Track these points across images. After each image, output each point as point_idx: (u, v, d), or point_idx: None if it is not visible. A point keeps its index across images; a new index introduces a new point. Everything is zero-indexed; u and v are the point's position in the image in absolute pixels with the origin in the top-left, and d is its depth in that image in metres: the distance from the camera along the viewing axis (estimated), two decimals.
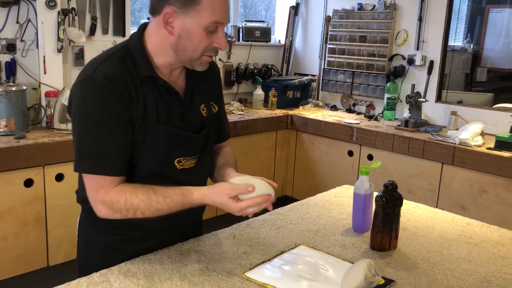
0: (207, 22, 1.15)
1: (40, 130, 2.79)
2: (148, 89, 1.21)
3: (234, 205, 1.15)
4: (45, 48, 2.85)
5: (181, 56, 1.20)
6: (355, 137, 3.38)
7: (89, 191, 1.20)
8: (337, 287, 1.13)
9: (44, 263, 2.59)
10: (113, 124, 1.16)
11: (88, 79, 1.16)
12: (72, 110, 1.19)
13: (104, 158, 1.17)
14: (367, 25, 3.88)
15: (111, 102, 1.15)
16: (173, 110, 1.25)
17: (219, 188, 1.18)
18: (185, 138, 1.26)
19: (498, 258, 1.35)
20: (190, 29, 1.16)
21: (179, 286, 1.11)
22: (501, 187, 2.72)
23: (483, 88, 4.36)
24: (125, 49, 1.23)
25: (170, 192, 1.18)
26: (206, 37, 1.17)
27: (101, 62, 1.18)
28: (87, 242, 1.36)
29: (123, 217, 1.18)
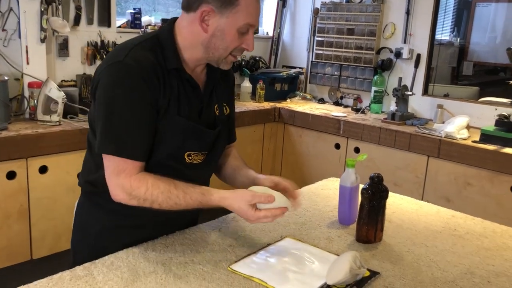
0: (241, 24, 1.19)
1: (23, 121, 2.74)
2: (173, 81, 1.23)
3: (253, 213, 1.17)
4: (28, 38, 2.79)
5: (211, 53, 1.24)
6: (342, 130, 3.38)
7: (109, 173, 1.19)
8: (323, 279, 1.13)
9: (27, 256, 2.56)
10: (141, 109, 1.18)
11: (119, 63, 1.17)
12: (99, 91, 1.19)
13: (130, 142, 1.18)
14: (355, 18, 3.87)
15: (142, 88, 1.16)
16: (192, 105, 1.27)
17: (241, 194, 1.19)
18: (200, 133, 1.28)
19: (482, 250, 1.36)
20: (224, 28, 1.19)
21: (163, 279, 1.10)
22: (485, 180, 2.75)
23: (469, 81, 4.40)
24: (154, 39, 1.25)
25: (190, 189, 1.19)
26: (238, 37, 1.21)
27: (132, 48, 1.20)
28: (82, 226, 1.37)
29: (139, 204, 1.18)
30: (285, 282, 1.12)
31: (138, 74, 1.16)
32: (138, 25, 3.52)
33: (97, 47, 3.25)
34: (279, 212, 1.19)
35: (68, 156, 2.58)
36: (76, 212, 1.40)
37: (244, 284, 1.10)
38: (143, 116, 1.19)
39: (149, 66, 1.18)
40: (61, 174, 2.57)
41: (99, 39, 3.26)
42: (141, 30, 3.50)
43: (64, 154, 2.58)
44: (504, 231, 1.51)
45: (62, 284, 1.06)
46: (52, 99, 2.72)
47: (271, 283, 1.10)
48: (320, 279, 1.13)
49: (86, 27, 3.19)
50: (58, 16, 2.95)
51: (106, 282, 1.07)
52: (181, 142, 1.25)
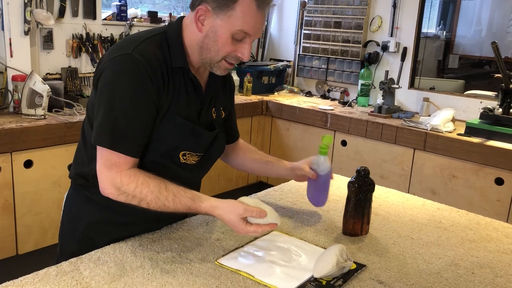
0: (235, 29, 1.17)
1: (7, 115, 2.70)
2: (177, 79, 1.22)
3: (243, 227, 1.16)
4: (11, 30, 2.75)
5: (203, 54, 1.22)
6: (329, 123, 3.40)
7: (101, 165, 1.17)
8: (310, 272, 1.13)
9: (13, 252, 2.54)
10: (143, 105, 1.16)
11: (127, 56, 1.15)
12: (102, 82, 1.17)
13: (126, 137, 1.16)
14: (342, 11, 3.88)
15: (146, 83, 1.15)
16: (193, 105, 1.27)
17: (232, 206, 1.17)
18: (197, 134, 1.27)
19: (466, 242, 1.38)
20: (217, 30, 1.17)
21: (150, 274, 1.10)
22: (470, 172, 2.78)
23: (454, 74, 4.44)
24: (162, 36, 1.23)
25: (181, 193, 1.17)
26: (231, 43, 1.19)
27: (140, 42, 1.18)
28: (71, 219, 1.36)
29: (127, 201, 1.17)
30: (272, 275, 1.12)
31: (145, 70, 1.15)
32: (124, 18, 3.48)
33: (82, 39, 3.20)
34: (269, 228, 1.19)
35: (54, 150, 2.55)
36: (65, 205, 1.38)
37: (232, 278, 1.10)
38: (144, 113, 1.17)
39: (156, 63, 1.17)
40: (46, 168, 2.55)
41: (84, 31, 3.22)
42: (126, 23, 3.46)
43: (49, 148, 2.55)
44: (488, 223, 1.53)
45: (48, 279, 1.05)
46: (36, 92, 2.68)
47: (258, 277, 1.11)
48: (307, 272, 1.14)
49: (71, 19, 3.15)
50: (42, 8, 2.90)
51: (92, 278, 1.07)
52: (178, 141, 1.25)
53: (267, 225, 1.18)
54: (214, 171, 3.65)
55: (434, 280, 1.16)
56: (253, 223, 1.17)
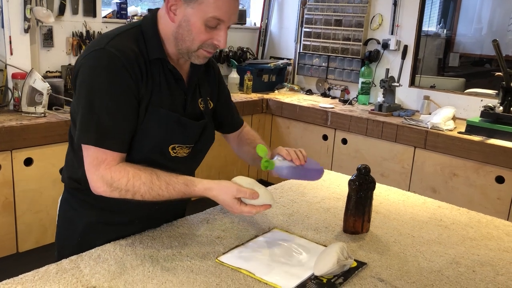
0: (207, 16, 1.14)
1: (7, 113, 2.70)
2: (156, 71, 1.21)
3: (237, 207, 1.16)
4: (11, 28, 2.74)
5: (179, 45, 1.20)
6: (330, 121, 3.39)
7: (89, 165, 1.16)
8: (310, 270, 1.13)
9: (13, 250, 2.54)
10: (123, 98, 1.15)
11: (101, 51, 1.14)
12: (79, 79, 1.16)
13: (111, 132, 1.14)
14: (343, 9, 3.87)
15: (123, 76, 1.14)
16: (176, 97, 1.25)
17: (225, 186, 1.17)
18: (184, 125, 1.25)
19: (467, 240, 1.38)
20: (190, 19, 1.15)
21: (151, 271, 1.10)
22: (470, 171, 2.78)
23: (455, 73, 4.44)
24: (138, 29, 1.22)
25: (173, 180, 1.16)
26: (205, 31, 1.16)
27: (114, 37, 1.17)
28: (67, 222, 1.34)
29: (121, 196, 1.16)
30: (273, 273, 1.12)
31: (120, 63, 1.13)
32: (124, 15, 3.48)
33: (82, 37, 3.20)
34: (263, 209, 1.19)
35: (54, 148, 2.55)
36: (60, 209, 1.37)
37: (232, 275, 1.10)
38: (125, 106, 1.15)
39: (131, 55, 1.15)
40: (46, 166, 2.54)
41: (84, 29, 3.21)
42: (127, 21, 3.45)
43: (49, 146, 2.54)
44: (489, 221, 1.53)
45: (48, 277, 1.05)
46: (36, 90, 2.68)
47: (259, 275, 1.10)
48: (307, 270, 1.14)
49: (71, 17, 3.14)
50: (42, 5, 2.89)
51: (93, 275, 1.07)
52: (165, 134, 1.23)
53: (261, 206, 1.18)
54: (214, 170, 3.66)
55: (435, 278, 1.15)
56: (247, 203, 1.17)
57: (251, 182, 1.20)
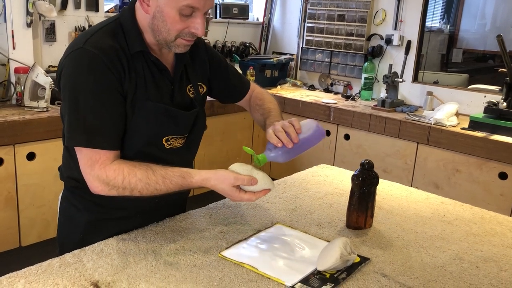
0: (180, 5, 1.12)
1: (9, 107, 2.70)
2: (139, 64, 1.19)
3: (237, 194, 1.16)
4: (14, 22, 2.74)
5: (156, 36, 1.18)
6: (332, 117, 3.38)
7: (84, 166, 1.15)
8: (313, 265, 1.13)
9: (16, 244, 2.54)
10: (107, 96, 1.14)
11: (79, 50, 1.13)
12: (62, 82, 1.15)
13: (100, 131, 1.13)
14: (346, 4, 3.85)
15: (105, 73, 1.12)
16: (162, 88, 1.23)
17: (223, 176, 1.16)
18: (174, 116, 1.24)
19: (470, 236, 1.38)
20: (163, 10, 1.13)
21: (154, 266, 1.10)
22: (473, 167, 2.77)
23: (458, 69, 4.42)
24: (116, 23, 1.20)
25: (169, 173, 1.16)
26: (180, 20, 1.14)
27: (92, 34, 1.16)
28: (68, 220, 1.34)
29: (119, 194, 1.16)
30: (275, 268, 1.12)
31: (100, 60, 1.12)
32: None
33: None
34: (262, 194, 1.18)
35: (56, 142, 2.55)
36: (61, 206, 1.37)
37: (235, 270, 1.10)
38: (110, 102, 1.14)
39: (111, 52, 1.14)
40: (49, 160, 2.55)
41: (87, 23, 3.20)
42: None
43: (52, 141, 2.55)
44: (492, 217, 1.53)
45: (51, 271, 1.05)
46: (39, 84, 2.68)
47: (262, 270, 1.10)
48: (310, 265, 1.14)
49: (73, 11, 3.14)
50: (44, 0, 2.89)
51: (96, 269, 1.07)
52: (156, 127, 1.22)
53: (261, 191, 1.18)
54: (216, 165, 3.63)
55: (438, 273, 1.15)
56: (247, 190, 1.17)
57: (249, 169, 1.19)
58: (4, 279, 1.01)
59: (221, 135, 3.45)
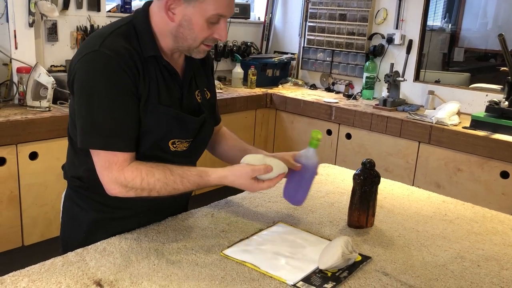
0: (210, 14, 1.14)
1: (12, 107, 2.70)
2: (152, 68, 1.20)
3: (256, 186, 1.19)
4: (16, 22, 2.74)
5: (180, 43, 1.20)
6: (334, 116, 3.39)
7: (101, 168, 1.16)
8: (315, 264, 1.13)
9: (19, 243, 2.55)
10: (124, 98, 1.14)
11: (94, 53, 1.13)
12: (77, 84, 1.15)
13: (116, 134, 1.14)
14: (347, 3, 3.85)
15: (121, 76, 1.13)
16: (173, 92, 1.24)
17: (239, 171, 1.19)
18: (183, 121, 1.25)
19: (472, 235, 1.38)
20: (191, 18, 1.15)
21: (156, 264, 1.10)
22: (475, 166, 2.77)
23: (460, 68, 4.41)
24: (129, 25, 1.21)
25: (187, 173, 1.18)
26: (207, 28, 1.17)
27: (107, 36, 1.16)
28: (72, 219, 1.34)
29: (137, 195, 1.17)
30: (277, 267, 1.12)
31: (116, 63, 1.12)
32: (128, 10, 3.47)
33: (87, 31, 3.20)
34: (279, 179, 1.22)
35: (59, 142, 2.56)
36: (64, 205, 1.37)
37: (237, 269, 1.11)
38: (126, 105, 1.15)
39: (126, 54, 1.14)
40: (51, 160, 2.55)
41: (89, 23, 3.21)
42: None
43: (54, 140, 2.55)
44: (493, 216, 1.53)
45: (54, 269, 1.06)
46: (41, 84, 2.69)
47: (264, 268, 1.11)
48: (312, 263, 1.14)
49: (75, 11, 3.14)
50: (46, 0, 2.89)
51: (98, 268, 1.07)
52: (165, 130, 1.23)
53: (277, 177, 1.21)
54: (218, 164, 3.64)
55: (439, 272, 1.16)
56: (264, 179, 1.20)
57: (261, 158, 1.22)
58: (8, 277, 1.02)
59: None
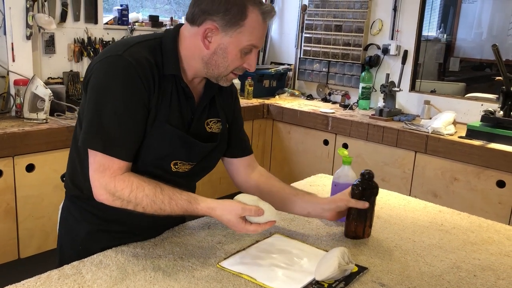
0: (245, 44, 1.17)
1: (9, 119, 2.71)
2: (168, 86, 1.20)
3: (242, 226, 1.16)
4: (13, 35, 2.76)
5: (211, 70, 1.21)
6: (331, 126, 3.40)
7: (94, 171, 1.15)
8: (311, 275, 1.13)
9: (15, 256, 2.54)
10: (134, 107, 1.14)
11: (117, 57, 1.14)
12: (92, 83, 1.15)
13: (118, 140, 1.14)
14: (343, 14, 3.89)
15: (137, 84, 1.13)
16: (183, 115, 1.24)
17: (230, 206, 1.16)
18: (189, 144, 1.24)
19: (468, 244, 1.38)
20: (227, 47, 1.17)
21: (152, 277, 1.10)
22: (471, 175, 2.78)
23: (455, 77, 4.45)
24: (157, 41, 1.22)
25: (177, 195, 1.16)
26: (240, 57, 1.19)
27: (132, 45, 1.17)
28: (68, 231, 1.34)
29: (122, 206, 1.15)
30: (274, 278, 1.12)
31: (135, 72, 1.13)
32: (125, 22, 3.49)
33: (84, 44, 3.22)
34: (268, 226, 1.18)
35: (55, 154, 2.56)
36: (61, 217, 1.36)
37: (233, 281, 1.11)
38: (135, 114, 1.15)
39: (147, 66, 1.15)
40: (48, 172, 2.55)
41: (86, 36, 3.23)
42: (128, 27, 3.47)
43: (51, 152, 2.55)
44: (490, 226, 1.53)
45: (50, 283, 1.05)
46: (38, 96, 2.69)
47: (260, 280, 1.11)
48: (309, 275, 1.14)
49: (72, 23, 3.16)
50: (44, 12, 2.91)
51: (95, 281, 1.07)
52: (168, 150, 1.22)
53: (267, 223, 1.18)
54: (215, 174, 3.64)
55: (436, 282, 1.16)
56: (252, 222, 1.17)
57: (255, 199, 1.19)
58: None
59: None
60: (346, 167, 1.45)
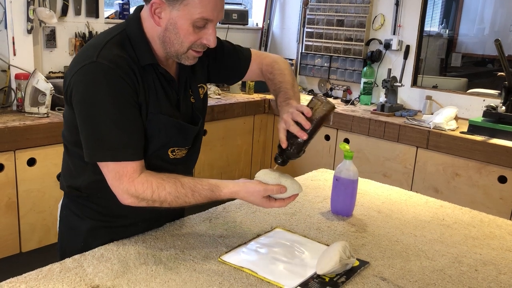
0: (195, 17, 1.11)
1: (10, 113, 2.71)
2: (150, 77, 1.19)
3: (268, 204, 1.19)
4: (14, 29, 2.75)
5: (167, 48, 1.18)
6: (332, 121, 3.39)
7: (112, 180, 1.14)
8: (313, 269, 1.13)
9: (16, 250, 2.54)
10: (127, 108, 1.13)
11: (93, 64, 1.10)
12: (77, 98, 1.13)
13: (123, 144, 1.13)
14: (345, 9, 3.87)
15: (122, 86, 1.11)
16: (170, 99, 1.24)
17: (252, 188, 1.18)
18: (183, 129, 1.25)
19: (469, 239, 1.38)
20: (177, 22, 1.12)
21: (154, 270, 1.10)
22: (473, 170, 2.78)
23: (457, 73, 4.43)
24: (123, 34, 1.19)
25: (198, 186, 1.16)
26: (193, 32, 1.14)
27: (102, 47, 1.13)
28: (70, 228, 1.33)
29: (148, 205, 1.16)
30: (275, 272, 1.12)
31: (115, 73, 1.11)
32: (126, 16, 3.48)
33: (85, 38, 3.21)
34: (292, 199, 1.21)
35: (57, 148, 2.56)
36: (61, 214, 1.35)
37: (235, 274, 1.11)
38: (130, 114, 1.14)
39: (125, 64, 1.13)
40: (49, 166, 2.55)
41: (87, 30, 3.22)
42: None
43: (52, 146, 2.55)
44: (491, 221, 1.53)
45: (52, 276, 1.06)
46: (39, 90, 2.69)
47: (262, 274, 1.11)
48: (310, 269, 1.14)
49: (73, 17, 3.15)
50: (45, 6, 2.91)
51: (96, 274, 1.07)
52: (165, 139, 1.23)
53: (289, 198, 1.20)
54: (216, 170, 3.67)
55: (437, 277, 1.16)
56: (277, 198, 1.19)
57: (276, 176, 1.20)
58: (5, 284, 1.02)
59: (221, 140, 3.46)
60: (348, 161, 1.45)
